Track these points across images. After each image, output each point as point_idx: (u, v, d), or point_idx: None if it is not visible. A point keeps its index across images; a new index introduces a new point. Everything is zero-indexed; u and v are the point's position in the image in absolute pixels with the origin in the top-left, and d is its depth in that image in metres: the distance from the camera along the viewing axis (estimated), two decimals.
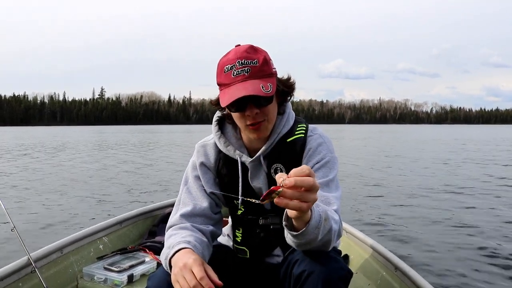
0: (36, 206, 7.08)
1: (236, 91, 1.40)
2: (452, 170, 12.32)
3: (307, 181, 1.04)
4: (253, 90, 1.39)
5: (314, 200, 1.08)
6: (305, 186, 1.04)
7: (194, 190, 1.62)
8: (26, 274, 2.03)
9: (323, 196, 1.43)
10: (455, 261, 4.18)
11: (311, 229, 1.18)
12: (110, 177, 10.98)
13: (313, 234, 1.20)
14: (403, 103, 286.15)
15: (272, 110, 1.50)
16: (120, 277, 2.24)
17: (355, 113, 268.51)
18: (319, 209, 1.21)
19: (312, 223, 1.17)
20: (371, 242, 2.44)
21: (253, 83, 1.40)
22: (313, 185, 1.05)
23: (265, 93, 1.39)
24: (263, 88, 1.39)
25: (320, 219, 1.20)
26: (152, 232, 2.91)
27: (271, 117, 1.51)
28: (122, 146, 25.23)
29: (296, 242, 1.25)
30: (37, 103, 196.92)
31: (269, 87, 1.41)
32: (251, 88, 1.39)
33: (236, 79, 1.42)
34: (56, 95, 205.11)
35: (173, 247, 1.36)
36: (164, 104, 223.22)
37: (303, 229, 1.17)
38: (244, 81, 1.41)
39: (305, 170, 1.06)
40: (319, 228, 1.20)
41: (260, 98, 1.42)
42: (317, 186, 1.06)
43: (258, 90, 1.39)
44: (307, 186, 1.04)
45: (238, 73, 1.42)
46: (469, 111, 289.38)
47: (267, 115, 1.47)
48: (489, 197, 7.85)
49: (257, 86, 1.40)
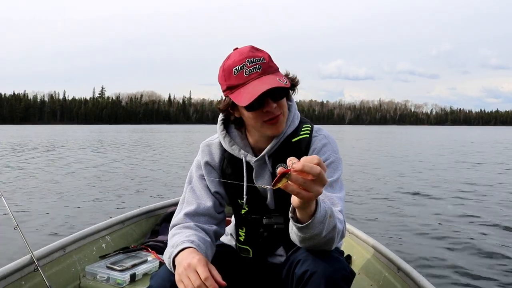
0: (39, 205, 7.07)
1: (255, 87, 1.40)
2: (456, 172, 12.31)
3: (315, 169, 1.05)
4: (274, 83, 1.40)
5: (318, 192, 1.09)
6: (312, 173, 1.05)
7: (199, 189, 1.62)
8: (29, 272, 2.03)
9: (328, 197, 1.43)
10: (457, 261, 4.17)
11: (317, 223, 1.19)
12: (113, 176, 10.98)
13: (318, 229, 1.21)
14: (403, 104, 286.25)
15: (285, 105, 1.52)
16: (123, 276, 2.25)
17: (355, 114, 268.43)
18: (325, 205, 1.22)
19: (318, 216, 1.19)
20: (373, 243, 2.44)
21: (270, 78, 1.42)
22: (320, 174, 1.06)
23: (284, 84, 1.41)
24: (280, 80, 1.42)
25: (325, 214, 1.21)
26: (154, 231, 2.91)
27: (286, 111, 1.53)
28: (124, 145, 25.25)
29: (301, 237, 1.25)
30: (37, 101, 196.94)
31: (284, 79, 1.44)
32: (270, 82, 1.40)
33: (250, 76, 1.42)
34: (56, 94, 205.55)
35: (176, 246, 1.37)
36: (164, 104, 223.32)
37: (309, 222, 1.18)
38: (259, 78, 1.42)
39: (315, 159, 1.07)
40: (324, 223, 1.21)
41: (280, 90, 1.44)
42: (324, 179, 1.08)
43: (277, 82, 1.41)
44: (314, 174, 1.05)
45: (251, 71, 1.42)
46: (469, 112, 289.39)
47: (283, 109, 1.49)
48: (493, 199, 7.80)
49: (274, 79, 1.42)
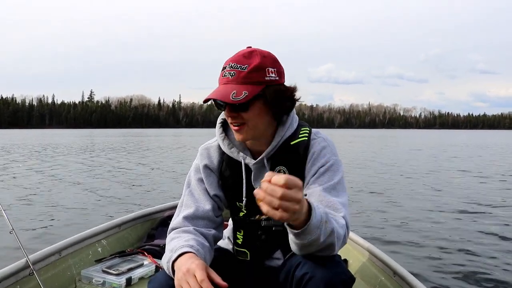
0: (34, 208, 7.01)
1: (213, 91, 1.43)
2: (450, 175, 12.36)
3: (275, 193, 1.07)
4: (221, 95, 1.39)
5: (287, 207, 1.08)
6: (275, 196, 1.07)
7: (197, 192, 1.61)
8: (24, 276, 2.01)
9: (330, 202, 1.43)
10: (453, 266, 4.18)
11: (313, 228, 1.19)
12: (109, 180, 10.90)
13: (315, 234, 1.20)
14: (392, 108, 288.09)
15: (254, 118, 1.46)
16: (119, 280, 2.24)
17: (345, 117, 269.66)
18: (320, 210, 1.22)
19: (313, 222, 1.18)
20: (369, 247, 2.44)
21: (227, 88, 1.40)
22: (282, 196, 1.07)
23: (232, 100, 1.37)
24: (233, 94, 1.38)
25: (321, 219, 1.21)
26: (151, 235, 2.90)
27: (254, 124, 1.47)
28: (119, 149, 25.06)
29: (299, 244, 1.25)
30: (26, 105, 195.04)
31: (242, 94, 1.38)
32: (221, 93, 1.40)
33: (222, 80, 1.44)
34: (45, 98, 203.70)
35: (175, 251, 1.36)
36: (154, 108, 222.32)
37: (304, 228, 1.18)
38: (224, 84, 1.42)
39: (281, 180, 1.08)
40: (320, 228, 1.21)
41: (230, 104, 1.42)
42: (292, 197, 1.08)
43: (226, 95, 1.38)
44: (276, 196, 1.07)
45: (224, 75, 1.43)
46: (457, 116, 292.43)
47: (247, 121, 1.46)
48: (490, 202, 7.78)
49: (229, 91, 1.39)
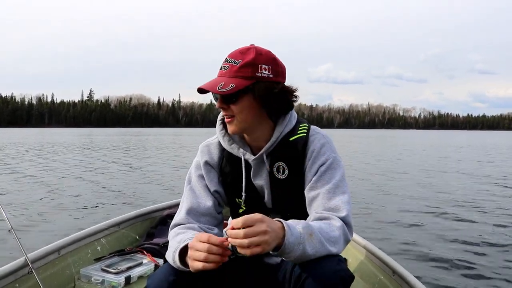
0: (33, 207, 7.00)
1: (205, 83, 1.47)
2: (451, 174, 12.41)
3: (238, 235, 1.18)
4: (209, 85, 1.44)
5: (256, 241, 1.17)
6: (238, 238, 1.18)
7: (198, 189, 1.62)
8: (23, 275, 2.00)
9: (332, 205, 1.45)
10: (452, 265, 4.18)
11: (292, 245, 1.24)
12: (108, 178, 10.90)
13: (297, 250, 1.25)
14: (391, 108, 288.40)
15: (243, 111, 1.48)
16: (118, 278, 2.24)
17: (344, 117, 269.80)
18: (298, 226, 1.27)
19: (290, 240, 1.23)
20: (368, 246, 2.43)
21: (218, 80, 1.45)
22: (246, 235, 1.17)
23: (217, 90, 1.42)
24: (220, 85, 1.42)
25: (300, 236, 1.25)
26: (150, 234, 2.90)
27: (243, 117, 1.49)
28: (118, 148, 25.05)
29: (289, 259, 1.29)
30: (25, 104, 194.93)
31: (229, 86, 1.41)
32: (210, 84, 1.45)
33: (218, 72, 1.49)
34: (44, 97, 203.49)
35: (183, 241, 1.37)
36: (153, 107, 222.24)
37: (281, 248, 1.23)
38: (219, 76, 1.48)
39: (239, 223, 1.19)
40: (302, 243, 1.25)
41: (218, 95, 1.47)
42: (249, 233, 1.17)
43: (213, 86, 1.43)
44: (239, 238, 1.18)
45: (221, 68, 1.49)
46: (456, 116, 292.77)
47: (236, 114, 1.49)
48: (489, 202, 7.78)
49: (217, 83, 1.43)
